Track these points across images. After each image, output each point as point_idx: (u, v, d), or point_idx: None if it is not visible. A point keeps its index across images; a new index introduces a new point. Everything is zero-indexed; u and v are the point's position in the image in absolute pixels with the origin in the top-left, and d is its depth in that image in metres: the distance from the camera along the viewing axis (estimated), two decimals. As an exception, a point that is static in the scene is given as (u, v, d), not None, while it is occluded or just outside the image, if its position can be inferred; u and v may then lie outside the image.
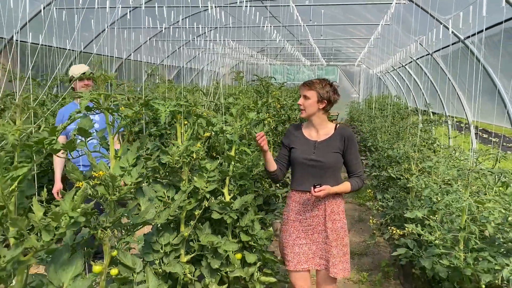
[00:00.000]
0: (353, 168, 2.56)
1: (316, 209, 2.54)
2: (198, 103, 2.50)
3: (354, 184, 2.53)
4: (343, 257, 2.51)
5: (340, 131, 2.56)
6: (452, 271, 2.31)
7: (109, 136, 1.80)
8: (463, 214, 2.41)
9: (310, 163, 2.51)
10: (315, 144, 2.54)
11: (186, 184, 2.42)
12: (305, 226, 2.56)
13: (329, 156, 2.49)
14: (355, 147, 2.55)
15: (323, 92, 2.49)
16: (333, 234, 2.50)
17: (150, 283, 2.02)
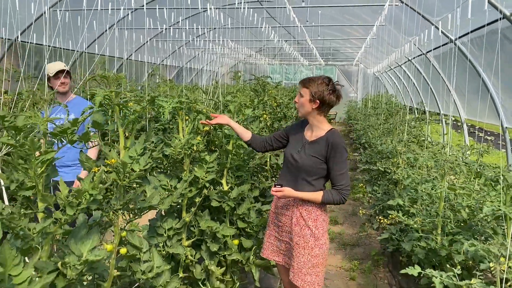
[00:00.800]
0: (334, 179, 2.34)
1: (286, 208, 2.48)
2: (198, 101, 2.73)
3: (327, 196, 2.32)
4: (311, 268, 2.36)
5: (328, 135, 2.38)
6: (429, 252, 2.53)
7: (119, 129, 2.03)
8: (441, 201, 2.64)
9: (290, 161, 2.45)
10: (304, 144, 2.45)
11: (187, 174, 2.65)
12: (277, 222, 2.55)
13: (306, 159, 2.37)
14: (341, 156, 2.32)
15: (315, 91, 2.34)
16: (300, 240, 2.39)
17: (155, 261, 2.25)
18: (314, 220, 2.38)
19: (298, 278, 2.36)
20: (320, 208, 2.40)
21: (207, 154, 2.73)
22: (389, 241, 3.68)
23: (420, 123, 5.80)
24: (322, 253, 2.39)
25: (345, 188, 2.32)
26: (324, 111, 2.41)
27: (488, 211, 2.21)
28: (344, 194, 2.32)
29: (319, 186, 2.39)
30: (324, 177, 2.40)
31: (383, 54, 11.87)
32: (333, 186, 2.37)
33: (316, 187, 2.38)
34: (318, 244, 2.38)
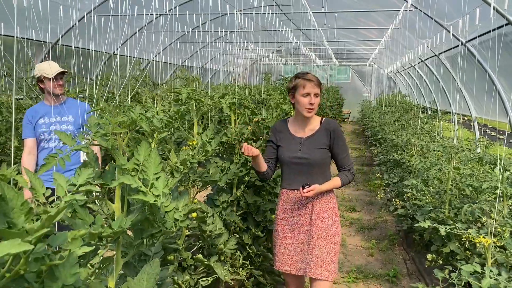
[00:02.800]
0: (342, 162, 2.45)
1: (304, 207, 2.45)
2: (246, 99, 3.31)
3: (344, 179, 2.42)
4: (333, 256, 2.40)
5: (325, 125, 2.45)
6: (438, 223, 3.07)
7: (194, 119, 2.62)
8: (448, 181, 3.17)
9: (297, 161, 2.42)
10: (301, 141, 2.45)
11: (238, 157, 3.23)
12: (292, 225, 2.49)
13: (315, 153, 2.40)
14: (342, 140, 2.44)
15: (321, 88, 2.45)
16: (322, 233, 2.39)
17: (218, 224, 2.83)
18: (333, 208, 2.45)
19: (322, 270, 2.35)
20: (333, 195, 2.49)
21: (253, 142, 3.31)
22: (404, 220, 4.23)
23: (432, 120, 6.30)
24: (340, 239, 2.47)
25: (352, 167, 2.47)
26: None
27: (487, 186, 2.75)
28: (353, 171, 2.47)
29: (329, 174, 2.46)
30: (330, 164, 2.50)
31: (397, 55, 12.33)
32: (341, 168, 2.47)
33: (327, 176, 2.44)
34: (337, 231, 2.44)
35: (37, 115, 3.20)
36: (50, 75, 3.07)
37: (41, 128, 3.17)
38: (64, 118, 3.24)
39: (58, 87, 3.14)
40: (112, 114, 1.32)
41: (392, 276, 3.88)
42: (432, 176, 3.39)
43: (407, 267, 4.13)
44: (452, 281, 2.17)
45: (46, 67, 3.11)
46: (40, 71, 3.10)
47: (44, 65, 3.14)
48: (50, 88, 3.12)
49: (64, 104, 3.25)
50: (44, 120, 3.20)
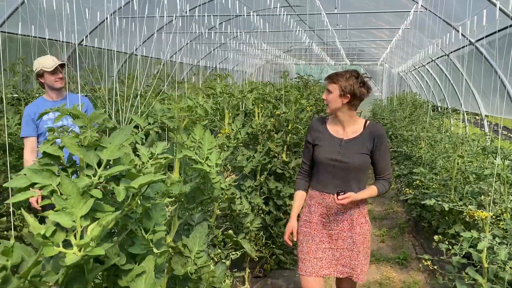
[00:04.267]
0: (381, 170, 2.33)
1: (341, 214, 2.35)
2: (268, 94, 3.65)
3: (381, 188, 2.32)
4: (367, 258, 2.40)
5: (370, 128, 2.32)
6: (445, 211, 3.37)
7: (225, 111, 2.96)
8: (454, 169, 3.47)
9: (334, 164, 2.31)
10: (341, 143, 2.33)
11: (261, 147, 3.57)
12: (329, 231, 2.38)
13: (355, 157, 2.28)
14: (385, 147, 2.31)
15: (345, 85, 2.25)
16: (360, 238, 2.34)
17: (245, 205, 3.17)
18: (366, 213, 2.42)
19: (363, 272, 2.35)
20: (366, 201, 2.43)
21: (275, 133, 3.65)
22: (414, 209, 4.53)
23: (441, 117, 6.57)
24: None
25: (390, 176, 2.37)
26: (355, 105, 2.32)
27: (489, 173, 3.05)
28: (390, 181, 2.37)
29: (364, 179, 2.36)
30: (366, 170, 2.38)
31: (408, 55, 12.57)
32: (379, 177, 2.35)
33: (363, 181, 2.35)
34: (370, 234, 2.43)
35: (40, 111, 3.11)
36: (50, 68, 2.99)
37: (47, 124, 3.06)
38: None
39: (58, 81, 3.05)
40: (176, 101, 1.66)
41: (402, 259, 4.18)
42: (439, 165, 3.69)
43: (416, 252, 4.43)
44: (455, 251, 2.48)
45: (45, 61, 3.01)
46: (40, 64, 3.01)
47: (42, 59, 3.05)
48: (51, 82, 3.03)
49: (65, 98, 3.16)
50: (49, 115, 3.07)
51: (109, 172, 0.98)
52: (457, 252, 2.45)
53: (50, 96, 3.13)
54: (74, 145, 0.98)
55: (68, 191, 0.93)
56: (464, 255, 2.49)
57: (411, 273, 3.95)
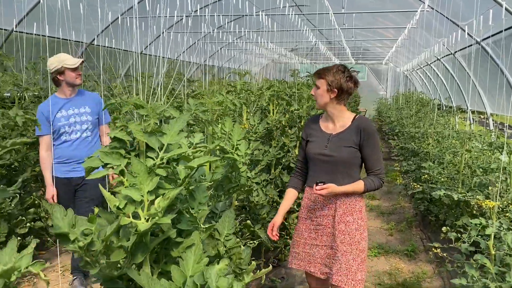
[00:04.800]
0: (370, 165, 2.28)
1: (326, 208, 2.32)
2: (282, 91, 3.80)
3: (369, 184, 2.25)
4: (360, 264, 2.25)
5: (356, 122, 2.29)
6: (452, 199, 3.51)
7: (243, 107, 3.11)
8: (461, 163, 3.61)
9: (322, 158, 2.30)
10: (329, 138, 2.32)
11: (276, 142, 3.72)
12: (316, 226, 2.36)
13: (341, 151, 2.25)
14: (374, 141, 2.26)
15: (332, 80, 2.22)
16: (345, 237, 2.26)
17: (261, 195, 3.33)
18: (359, 211, 2.30)
19: (348, 279, 2.21)
20: (361, 198, 2.33)
21: (289, 128, 3.80)
22: (421, 203, 4.66)
23: (447, 115, 6.70)
24: (366, 245, 2.32)
25: (382, 171, 2.29)
26: (343, 100, 2.29)
27: (495, 167, 3.19)
28: (382, 177, 2.29)
29: (357, 176, 2.30)
30: (359, 166, 2.34)
31: (413, 54, 12.68)
32: (369, 172, 2.31)
33: (354, 178, 2.28)
34: (363, 236, 2.30)
35: (54, 109, 3.11)
36: (74, 65, 3.05)
37: (61, 122, 3.11)
38: (81, 110, 3.20)
39: (78, 77, 3.13)
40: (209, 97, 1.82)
41: (410, 251, 4.32)
42: (447, 160, 3.83)
43: (423, 245, 4.57)
44: (463, 239, 2.63)
45: (67, 58, 3.07)
46: (61, 62, 3.04)
47: (63, 56, 3.10)
48: (72, 78, 3.09)
49: (78, 95, 3.22)
50: (62, 113, 3.13)
51: (171, 154, 1.14)
52: (465, 240, 2.59)
53: (64, 93, 3.16)
54: (139, 131, 1.14)
55: (137, 169, 1.09)
56: (472, 243, 2.64)
57: (419, 264, 4.09)
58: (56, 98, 3.18)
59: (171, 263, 1.28)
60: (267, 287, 3.47)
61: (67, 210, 1.07)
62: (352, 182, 2.26)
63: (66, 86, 3.14)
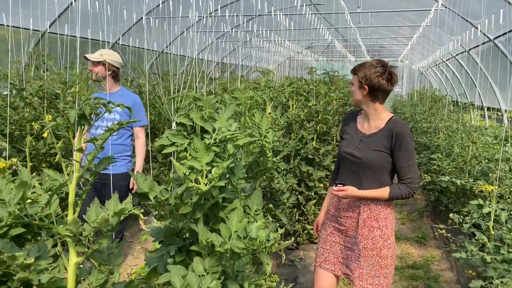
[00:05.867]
0: (401, 172, 2.12)
1: (351, 209, 2.25)
2: (301, 88, 4.13)
3: (395, 192, 2.11)
4: (379, 270, 2.17)
5: (390, 125, 2.14)
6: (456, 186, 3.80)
7: (267, 101, 3.44)
8: (468, 154, 3.89)
9: (350, 159, 2.22)
10: (362, 138, 2.22)
11: (295, 134, 4.05)
12: (339, 225, 2.31)
13: (370, 154, 2.14)
14: (407, 147, 2.10)
15: (362, 76, 2.14)
16: (368, 243, 2.18)
17: (282, 182, 3.67)
18: (384, 218, 2.18)
19: (367, 284, 2.17)
20: (389, 205, 2.20)
21: (307, 122, 4.12)
22: (432, 194, 4.94)
23: (460, 110, 6.93)
24: (391, 254, 2.20)
25: (414, 181, 2.12)
26: (378, 98, 2.18)
27: (498, 157, 3.46)
28: (413, 187, 2.12)
29: (386, 181, 2.17)
30: (391, 172, 2.18)
31: (428, 51, 12.84)
32: (400, 179, 2.15)
33: (383, 183, 2.16)
34: (387, 244, 2.18)
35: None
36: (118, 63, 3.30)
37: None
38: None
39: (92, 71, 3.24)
40: (242, 92, 2.16)
41: (421, 237, 4.61)
42: (455, 152, 4.10)
43: (433, 232, 4.85)
44: (465, 222, 2.92)
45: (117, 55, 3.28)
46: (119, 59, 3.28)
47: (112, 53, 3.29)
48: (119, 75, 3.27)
49: (115, 93, 3.31)
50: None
51: (221, 136, 1.48)
52: (467, 221, 2.89)
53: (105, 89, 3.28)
54: (198, 118, 1.48)
55: (198, 146, 1.44)
56: (475, 226, 2.93)
57: (429, 250, 4.38)
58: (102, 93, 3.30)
59: (218, 223, 1.63)
60: (287, 266, 3.81)
61: (146, 177, 1.42)
62: (378, 187, 2.15)
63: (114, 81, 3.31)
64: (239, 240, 1.51)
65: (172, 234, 1.67)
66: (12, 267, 1.08)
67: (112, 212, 1.16)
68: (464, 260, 2.60)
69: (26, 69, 5.30)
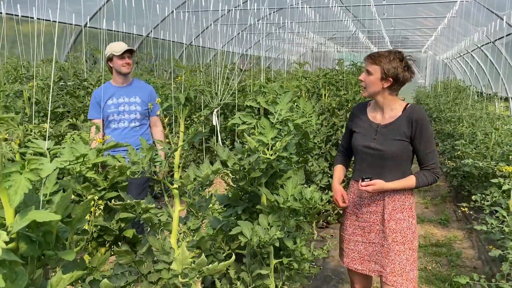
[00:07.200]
0: (424, 159, 2.08)
1: (374, 204, 2.18)
2: (333, 78, 4.43)
3: (421, 180, 2.08)
4: (413, 263, 2.13)
5: (408, 112, 2.09)
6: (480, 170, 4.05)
7: (303, 91, 3.77)
8: (491, 140, 4.13)
9: (369, 152, 2.15)
10: (377, 129, 2.15)
11: (326, 121, 4.37)
12: (361, 222, 2.23)
13: (390, 144, 2.08)
14: (427, 133, 2.05)
15: (388, 68, 2.04)
16: (397, 236, 2.13)
17: (315, 164, 4.00)
18: (409, 208, 2.15)
19: (402, 279, 2.11)
20: (411, 194, 2.17)
21: (338, 110, 4.44)
22: (455, 179, 5.19)
23: (484, 100, 7.10)
24: (417, 244, 2.19)
25: (437, 166, 2.09)
26: (396, 90, 2.13)
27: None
28: (436, 173, 2.09)
29: (408, 171, 2.13)
30: (411, 159, 2.15)
31: (453, 42, 12.86)
32: (422, 166, 2.11)
33: (405, 172, 2.12)
34: (415, 235, 2.16)
35: (106, 96, 3.17)
36: (119, 52, 3.10)
37: (110, 109, 3.17)
38: (131, 99, 3.23)
39: (125, 66, 3.15)
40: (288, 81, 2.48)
41: (444, 219, 4.89)
42: (478, 139, 4.35)
43: (456, 215, 5.12)
44: (485, 201, 3.20)
45: (116, 46, 3.15)
46: (111, 49, 3.14)
47: (114, 44, 3.19)
48: (119, 66, 3.13)
49: (130, 85, 3.28)
50: (113, 100, 3.19)
51: (283, 116, 1.83)
52: (489, 200, 3.17)
53: (116, 81, 3.24)
54: (263, 102, 1.83)
55: (265, 124, 1.79)
56: (496, 204, 3.21)
57: (451, 231, 4.65)
58: (109, 85, 3.27)
59: (276, 190, 1.99)
60: (319, 241, 4.15)
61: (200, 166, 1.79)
62: (401, 177, 2.10)
63: (116, 73, 3.21)
64: (295, 201, 1.86)
65: (237, 199, 2.04)
66: (138, 210, 1.46)
67: (210, 170, 1.52)
68: (485, 233, 2.88)
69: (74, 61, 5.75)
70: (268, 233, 1.78)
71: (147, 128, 3.38)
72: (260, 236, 1.78)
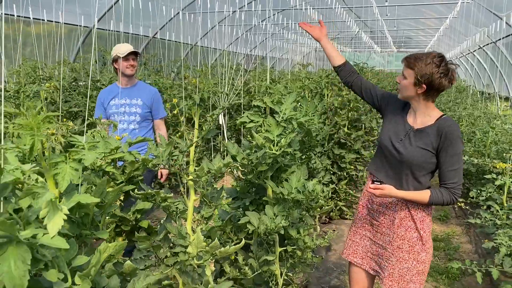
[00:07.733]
0: (445, 175, 1.93)
1: (385, 206, 2.13)
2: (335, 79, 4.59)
3: (436, 197, 1.94)
4: (415, 276, 2.05)
5: (440, 123, 1.94)
6: (477, 167, 4.20)
7: (306, 91, 3.93)
8: (488, 138, 4.28)
9: (391, 151, 2.06)
10: (408, 132, 2.03)
11: (329, 120, 4.52)
12: (371, 219, 2.21)
13: (413, 151, 1.97)
14: (454, 149, 1.90)
15: (422, 74, 1.90)
16: (404, 243, 2.06)
17: (318, 162, 4.16)
18: (421, 221, 2.04)
19: (398, 286, 2.06)
20: (428, 207, 2.05)
21: (340, 110, 4.59)
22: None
23: (484, 100, 7.24)
24: (428, 259, 2.07)
25: (457, 186, 1.93)
26: (432, 96, 1.98)
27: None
28: (456, 194, 1.93)
29: (426, 183, 2.01)
30: (432, 172, 2.02)
31: (455, 42, 12.98)
32: (441, 183, 1.97)
33: (423, 184, 2.00)
34: (425, 248, 2.05)
35: (109, 96, 3.23)
36: (123, 54, 3.11)
37: (111, 109, 3.20)
38: (133, 101, 3.24)
39: (129, 67, 3.18)
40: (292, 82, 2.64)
41: (444, 216, 5.03)
42: (476, 138, 4.49)
43: (455, 212, 5.26)
44: (481, 197, 3.35)
45: (121, 47, 3.17)
46: (115, 51, 3.17)
47: (119, 45, 3.21)
48: (123, 67, 3.15)
49: (134, 86, 3.28)
50: (115, 101, 3.22)
51: (288, 115, 1.99)
52: (483, 195, 3.32)
53: (120, 82, 3.25)
54: (269, 102, 1.99)
55: (271, 122, 1.95)
56: (490, 199, 3.36)
57: (450, 226, 4.80)
58: (115, 86, 3.30)
59: (281, 183, 2.15)
60: (322, 236, 4.31)
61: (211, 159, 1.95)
62: (416, 188, 1.99)
63: (120, 75, 3.22)
64: (298, 193, 2.03)
65: (245, 191, 2.20)
66: (157, 199, 1.62)
67: (222, 164, 1.69)
68: (480, 226, 3.04)
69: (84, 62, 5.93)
70: (274, 221, 1.94)
71: (148, 131, 3.33)
72: (266, 224, 1.94)
